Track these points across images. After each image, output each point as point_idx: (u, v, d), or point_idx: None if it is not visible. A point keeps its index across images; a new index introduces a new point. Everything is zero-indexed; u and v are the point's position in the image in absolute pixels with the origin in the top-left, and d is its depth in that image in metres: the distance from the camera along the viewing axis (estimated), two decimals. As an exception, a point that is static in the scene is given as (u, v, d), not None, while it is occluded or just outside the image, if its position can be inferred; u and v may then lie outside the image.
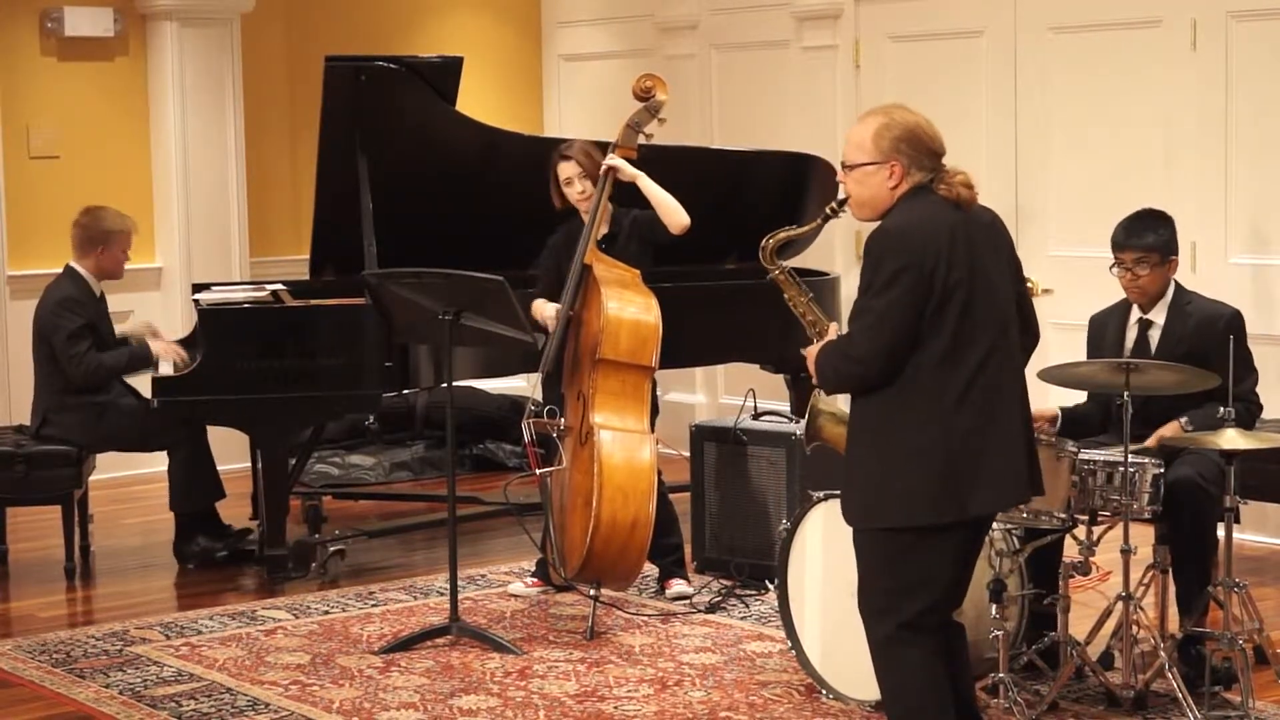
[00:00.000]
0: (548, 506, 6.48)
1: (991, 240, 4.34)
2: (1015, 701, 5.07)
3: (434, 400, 9.20)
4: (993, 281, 4.28)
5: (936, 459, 4.19)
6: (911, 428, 4.21)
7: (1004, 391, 4.27)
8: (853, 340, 4.24)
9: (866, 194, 4.34)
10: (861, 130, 4.33)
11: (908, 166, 4.28)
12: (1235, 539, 5.47)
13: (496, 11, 10.48)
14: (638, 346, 6.35)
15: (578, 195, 6.52)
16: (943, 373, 4.19)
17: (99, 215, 7.37)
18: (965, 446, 4.20)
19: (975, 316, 4.21)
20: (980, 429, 4.21)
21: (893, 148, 4.27)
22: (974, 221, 4.30)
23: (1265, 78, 7.45)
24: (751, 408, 6.96)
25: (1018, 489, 4.34)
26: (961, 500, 4.21)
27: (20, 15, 8.94)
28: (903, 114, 4.34)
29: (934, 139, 4.32)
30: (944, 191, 4.27)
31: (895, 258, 4.18)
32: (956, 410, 4.19)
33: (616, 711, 5.43)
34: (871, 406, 4.28)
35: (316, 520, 7.60)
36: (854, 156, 4.33)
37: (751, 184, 8.10)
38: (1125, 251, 5.73)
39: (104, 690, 5.73)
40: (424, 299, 6.09)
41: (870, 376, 4.22)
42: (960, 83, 8.48)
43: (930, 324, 4.17)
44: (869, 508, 4.30)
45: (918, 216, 4.24)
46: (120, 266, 7.40)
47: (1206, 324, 5.68)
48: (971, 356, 4.20)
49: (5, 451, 7.12)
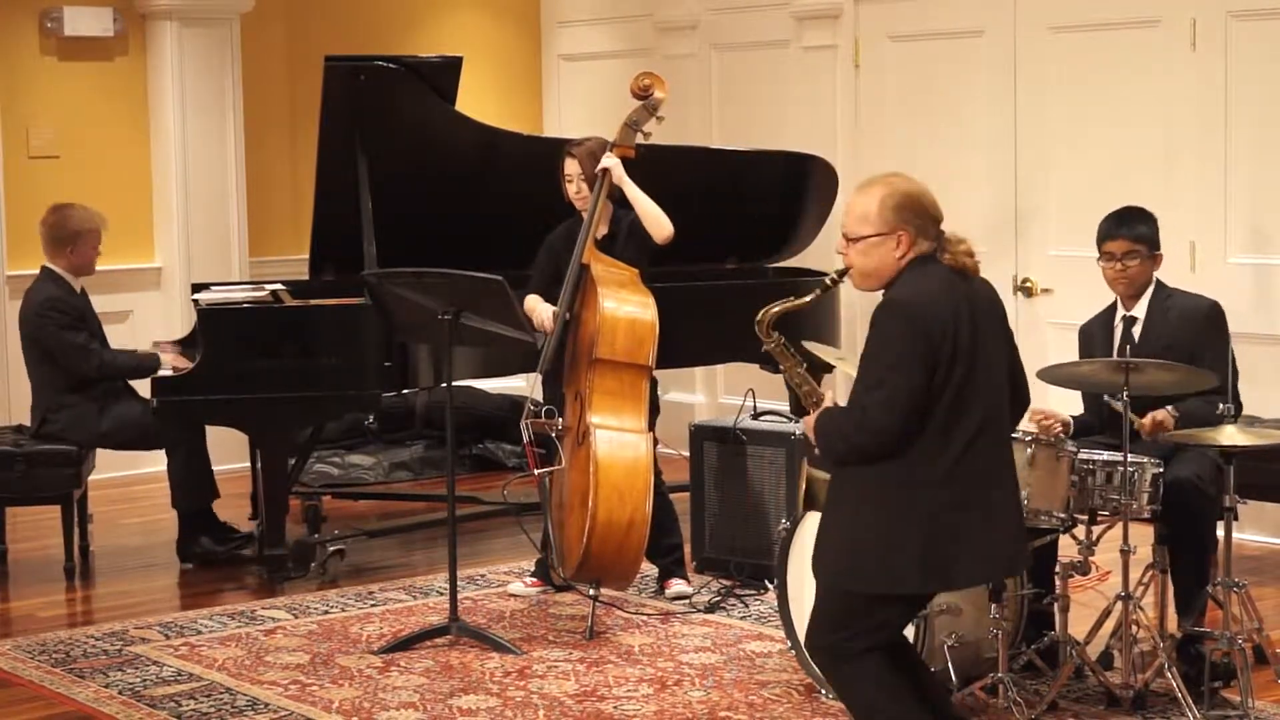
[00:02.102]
0: (547, 506, 6.48)
1: (990, 312, 4.32)
2: (1015, 701, 5.07)
3: (434, 400, 9.20)
4: (990, 354, 4.26)
5: (920, 531, 4.17)
6: (898, 498, 4.18)
7: (995, 464, 4.27)
8: (869, 413, 4.16)
9: (872, 265, 4.28)
10: (865, 201, 4.26)
11: (915, 236, 4.23)
12: (1234, 539, 5.47)
13: (496, 11, 10.48)
14: (634, 346, 6.34)
15: (574, 194, 6.52)
16: (934, 445, 4.17)
17: (66, 215, 7.33)
18: (953, 519, 4.18)
19: (972, 389, 4.19)
20: (969, 502, 4.19)
21: (898, 217, 4.22)
22: (977, 293, 4.28)
23: (1265, 78, 7.45)
24: (751, 408, 6.96)
25: (1005, 563, 4.35)
26: (946, 572, 4.20)
27: (20, 15, 8.94)
28: (904, 182, 4.29)
29: (934, 206, 4.28)
30: (948, 261, 4.24)
31: (910, 330, 4.14)
32: (946, 482, 4.17)
33: (616, 711, 5.43)
34: (862, 473, 4.24)
35: (316, 520, 7.60)
36: (858, 229, 4.27)
37: (751, 184, 8.10)
38: (1115, 241, 5.72)
39: (104, 690, 5.73)
40: (424, 299, 6.09)
41: (888, 448, 4.17)
42: (960, 83, 8.48)
43: (932, 397, 4.15)
44: (849, 570, 4.26)
45: (928, 288, 4.20)
46: (92, 263, 7.35)
47: (1187, 317, 5.70)
48: (965, 428, 4.18)
49: (5, 451, 7.12)
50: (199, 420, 7.16)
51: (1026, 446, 5.20)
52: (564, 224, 6.65)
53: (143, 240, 9.35)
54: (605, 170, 6.43)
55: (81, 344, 7.14)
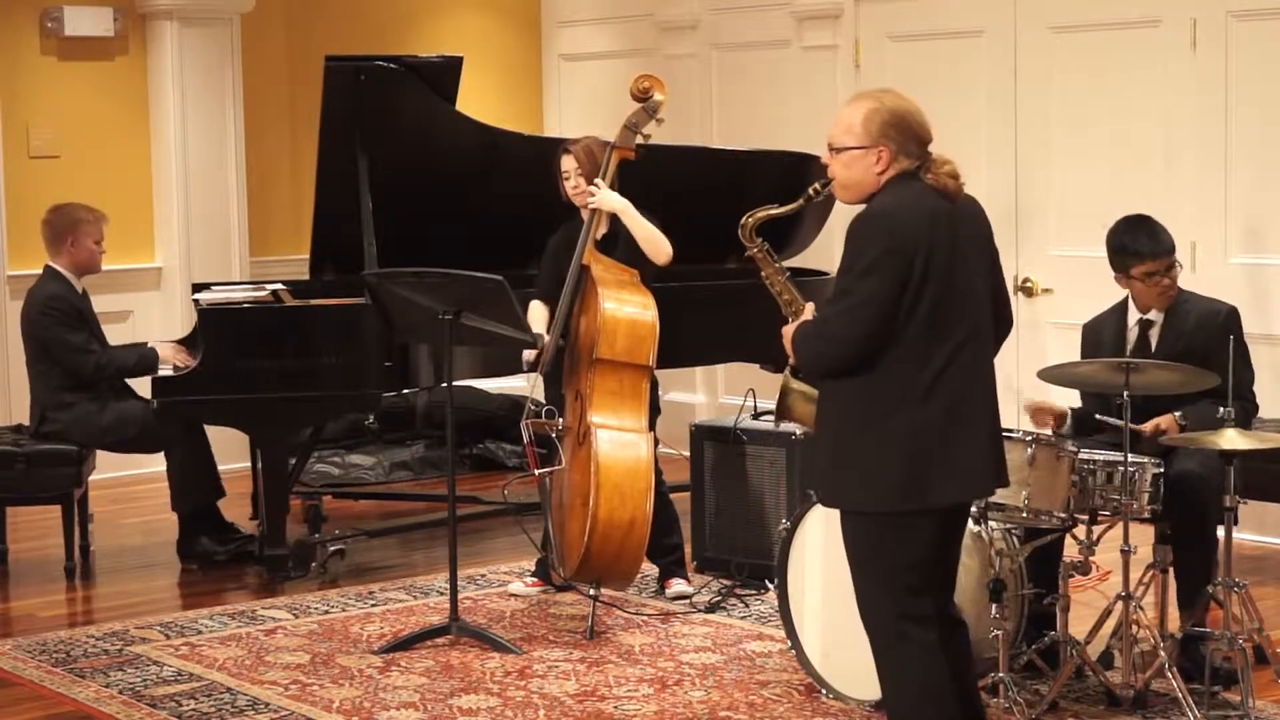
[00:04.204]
0: (547, 506, 6.47)
1: (973, 232, 4.34)
2: (1015, 701, 5.07)
3: (434, 400, 9.20)
4: (970, 274, 4.28)
5: (901, 448, 4.20)
6: (879, 415, 4.21)
7: (974, 385, 4.27)
8: (833, 323, 4.24)
9: (853, 177, 4.34)
10: (850, 113, 4.32)
11: (895, 152, 4.28)
12: (1235, 539, 5.47)
13: (496, 11, 10.48)
14: (634, 346, 6.35)
15: (571, 190, 6.52)
16: (914, 362, 4.19)
17: (65, 209, 7.36)
18: (931, 438, 4.20)
19: (950, 308, 4.21)
20: (947, 421, 4.21)
21: (881, 132, 4.27)
22: (958, 212, 4.30)
23: (1265, 78, 7.45)
24: (751, 408, 6.96)
25: (982, 482, 4.35)
26: (923, 490, 4.21)
27: (20, 15, 8.94)
28: (893, 99, 4.33)
29: (922, 126, 4.31)
30: (930, 180, 4.28)
31: (879, 241, 4.18)
32: (925, 401, 4.20)
33: (616, 711, 5.44)
34: (842, 390, 4.29)
35: (316, 520, 7.61)
36: (841, 139, 4.33)
37: (751, 184, 8.07)
38: (1157, 260, 5.64)
39: (104, 690, 5.73)
40: (424, 299, 6.09)
41: (849, 359, 4.23)
42: (960, 82, 8.48)
43: (906, 312, 4.18)
44: (835, 490, 4.34)
45: (904, 202, 4.23)
46: (95, 259, 7.35)
47: (1205, 320, 5.68)
48: (943, 348, 4.21)
49: (5, 451, 7.12)
50: (199, 420, 7.16)
51: (1027, 446, 5.20)
52: (564, 226, 6.65)
53: (143, 240, 9.35)
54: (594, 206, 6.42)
55: (79, 344, 7.15)
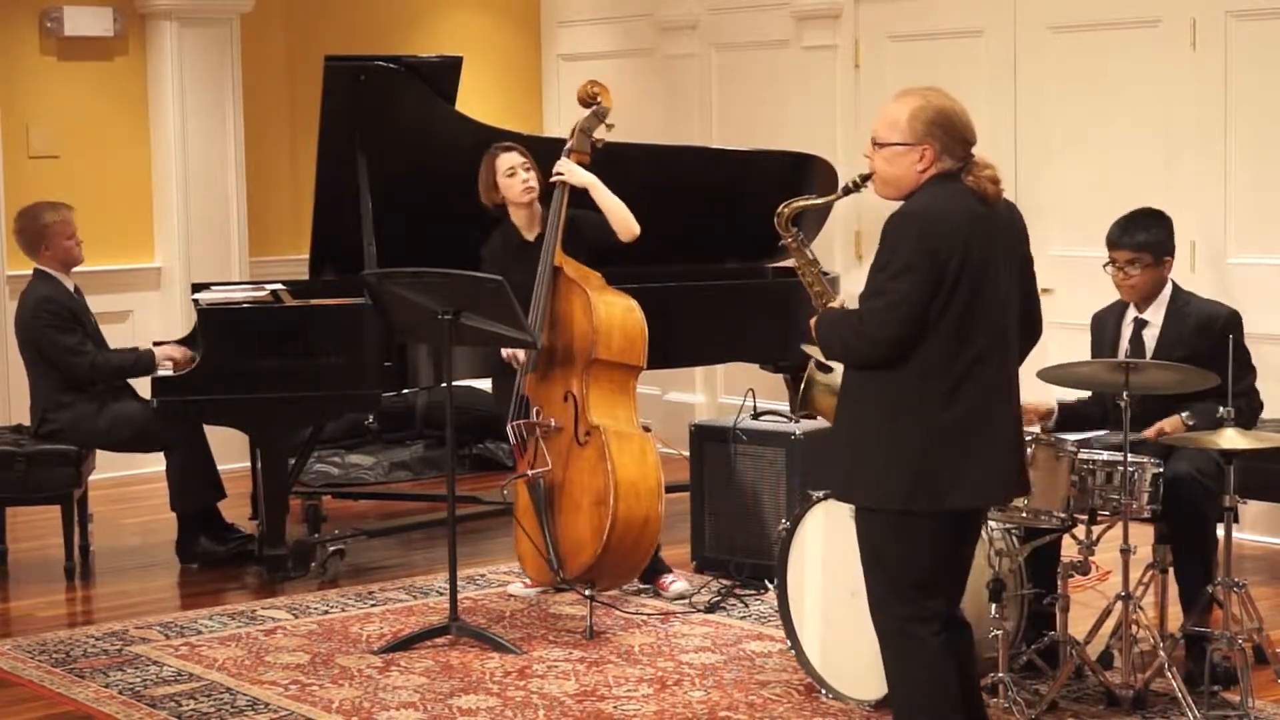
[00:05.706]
0: (542, 507, 6.46)
1: (1009, 238, 4.33)
2: (1015, 701, 5.07)
3: (434, 400, 9.20)
4: (1002, 281, 4.27)
5: (915, 449, 4.20)
6: (896, 415, 4.22)
7: (995, 392, 4.26)
8: (868, 319, 4.23)
9: (894, 173, 4.31)
10: (897, 109, 4.29)
11: (939, 152, 4.25)
12: (1235, 539, 5.47)
13: (496, 11, 10.48)
14: (628, 346, 6.39)
15: (522, 186, 6.52)
16: (938, 364, 4.19)
17: (30, 214, 7.34)
18: (946, 441, 4.20)
19: (979, 313, 4.20)
20: (965, 427, 4.21)
21: (926, 131, 4.25)
22: (995, 217, 4.28)
23: (1265, 78, 7.45)
24: (751, 408, 6.96)
25: (996, 489, 4.35)
26: (937, 493, 4.21)
27: (20, 15, 8.94)
28: (939, 97, 4.31)
29: (967, 127, 4.30)
30: (970, 183, 4.25)
31: (917, 241, 4.17)
32: (944, 405, 4.19)
33: (616, 711, 5.43)
34: (863, 387, 4.29)
35: (316, 520, 7.59)
36: (886, 134, 4.30)
37: (751, 184, 8.09)
38: (1118, 250, 5.71)
39: (104, 690, 5.73)
40: (423, 299, 6.09)
41: (876, 358, 4.23)
42: (960, 82, 8.42)
43: (936, 314, 4.17)
44: (849, 485, 4.35)
45: (941, 203, 4.22)
46: (73, 254, 7.33)
47: (1205, 325, 5.66)
48: (968, 352, 4.20)
49: (5, 451, 7.11)
50: (199, 420, 7.16)
51: (1026, 447, 5.19)
52: (497, 231, 6.66)
53: (143, 240, 9.35)
54: (562, 179, 6.43)
55: (73, 345, 7.14)
